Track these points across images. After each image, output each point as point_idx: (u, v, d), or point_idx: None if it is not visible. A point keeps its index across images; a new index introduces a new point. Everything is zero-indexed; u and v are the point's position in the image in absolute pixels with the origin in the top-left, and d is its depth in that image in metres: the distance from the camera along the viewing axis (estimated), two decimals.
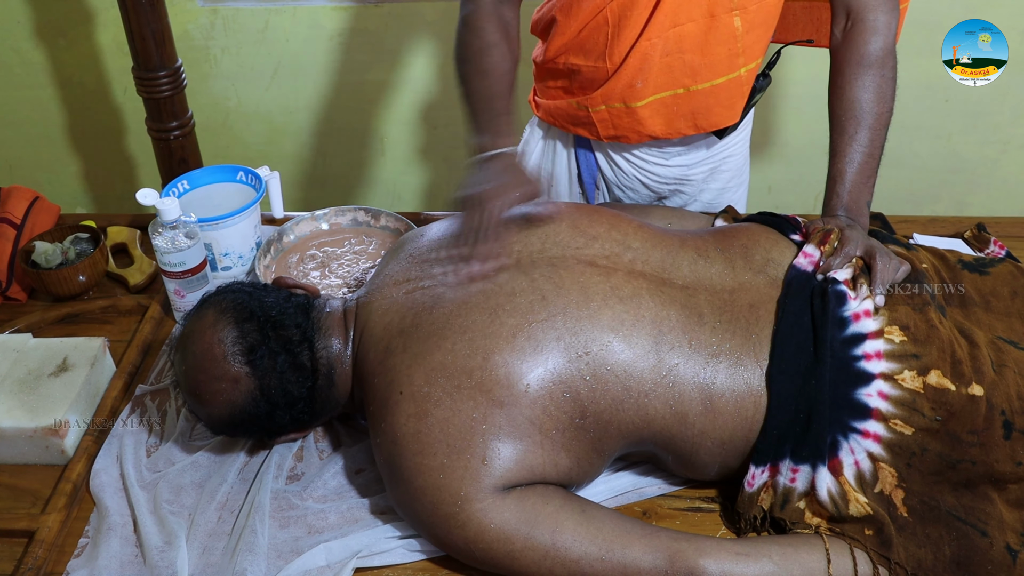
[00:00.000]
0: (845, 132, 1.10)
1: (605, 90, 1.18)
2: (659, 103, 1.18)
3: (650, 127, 1.21)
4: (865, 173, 1.09)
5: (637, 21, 1.12)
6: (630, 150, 1.29)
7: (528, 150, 1.39)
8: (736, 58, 1.15)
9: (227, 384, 0.93)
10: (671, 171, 1.30)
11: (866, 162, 1.09)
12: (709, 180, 1.34)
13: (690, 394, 0.90)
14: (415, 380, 0.89)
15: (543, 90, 1.30)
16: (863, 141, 1.09)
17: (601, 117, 1.21)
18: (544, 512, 0.86)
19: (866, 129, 1.10)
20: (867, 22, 1.12)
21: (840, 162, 1.10)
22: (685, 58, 1.14)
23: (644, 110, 1.19)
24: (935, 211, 2.12)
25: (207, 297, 1.00)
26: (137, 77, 1.38)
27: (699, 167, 1.31)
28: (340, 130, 2.11)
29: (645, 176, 1.31)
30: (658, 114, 1.19)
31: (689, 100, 1.18)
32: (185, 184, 1.34)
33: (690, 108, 1.19)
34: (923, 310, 0.94)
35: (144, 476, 1.01)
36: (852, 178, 1.09)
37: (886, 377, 0.90)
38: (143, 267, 1.36)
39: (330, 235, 1.39)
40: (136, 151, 2.16)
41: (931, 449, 0.88)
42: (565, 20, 1.18)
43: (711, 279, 0.98)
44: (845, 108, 1.11)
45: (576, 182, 1.37)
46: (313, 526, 0.95)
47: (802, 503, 0.90)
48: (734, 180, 1.37)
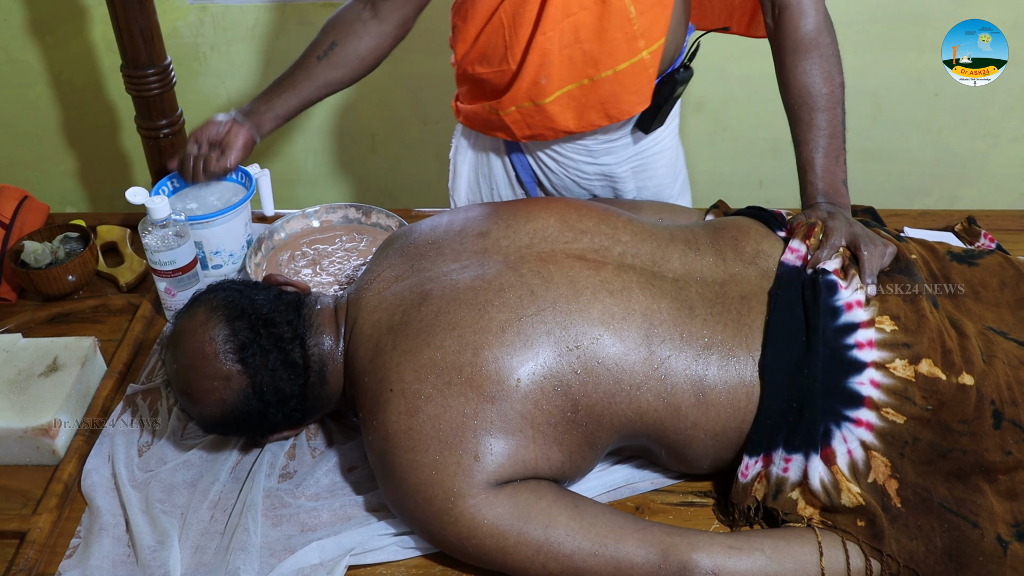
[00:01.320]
0: (801, 120, 1.10)
1: (512, 92, 1.17)
2: (567, 97, 1.17)
3: (562, 122, 1.19)
4: (832, 155, 1.08)
5: (529, 17, 1.12)
6: (556, 149, 1.29)
7: (459, 161, 1.39)
8: (635, 41, 1.13)
9: (219, 382, 0.92)
10: (599, 168, 1.30)
11: (830, 144, 1.08)
12: (641, 177, 1.33)
13: (682, 386, 0.90)
14: (405, 377, 0.89)
15: (460, 94, 1.30)
16: (822, 125, 1.09)
17: (513, 119, 1.21)
18: (537, 507, 0.86)
19: (821, 111, 1.09)
20: (792, 5, 1.11)
21: (806, 150, 1.09)
22: (583, 47, 1.13)
23: (553, 106, 1.17)
24: (925, 204, 2.13)
25: (198, 295, 1.00)
26: (126, 75, 1.38)
27: (627, 164, 1.31)
28: (330, 127, 2.11)
29: (573, 175, 1.31)
30: (568, 108, 1.18)
31: (596, 90, 1.16)
32: (175, 183, 1.34)
33: (598, 98, 1.17)
34: (914, 300, 0.95)
35: (136, 475, 1.00)
36: (821, 163, 1.08)
37: (878, 366, 0.90)
38: (133, 266, 1.35)
39: (321, 232, 1.38)
40: (126, 149, 2.15)
41: (922, 438, 0.89)
42: (463, 25, 1.18)
43: (702, 271, 0.98)
44: (795, 96, 1.11)
45: (517, 184, 1.37)
46: (306, 524, 0.94)
47: (795, 493, 0.90)
48: (667, 178, 1.37)
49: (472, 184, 1.41)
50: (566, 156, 1.29)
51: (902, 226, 1.40)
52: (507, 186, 1.38)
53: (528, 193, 1.37)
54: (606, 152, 1.29)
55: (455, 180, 1.42)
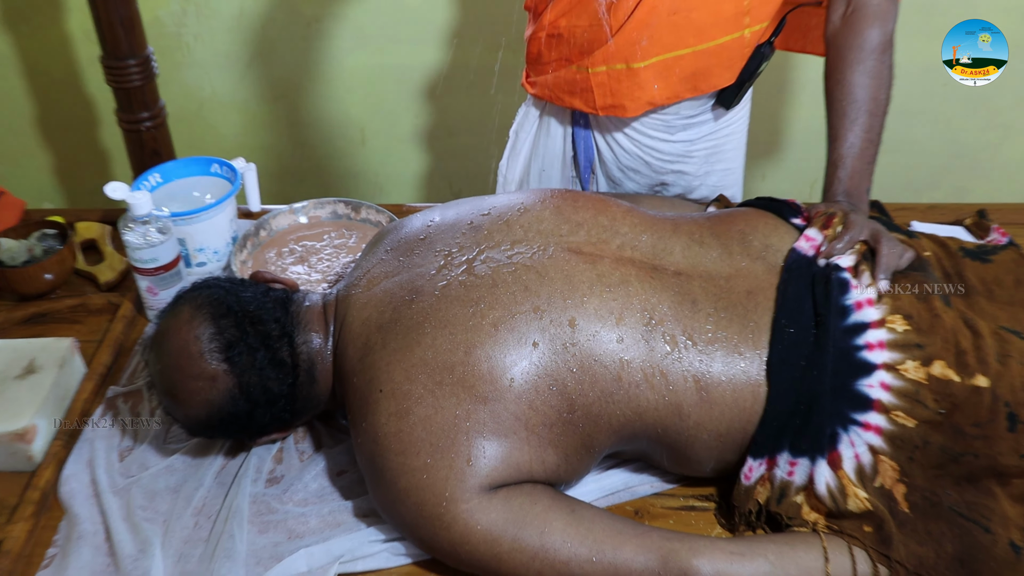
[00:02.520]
0: (846, 116, 1.11)
1: (608, 49, 1.18)
2: (661, 65, 1.19)
3: (650, 91, 1.21)
4: (865, 159, 1.10)
5: None
6: (631, 124, 1.29)
7: (522, 134, 1.39)
8: (742, 17, 1.16)
9: (204, 383, 0.92)
10: (675, 147, 1.31)
11: (867, 148, 1.11)
12: (712, 159, 1.34)
13: (684, 384, 0.90)
14: (395, 377, 0.88)
15: (537, 67, 1.30)
16: (864, 126, 1.11)
17: (600, 81, 1.21)
18: (532, 512, 0.86)
19: (866, 114, 1.11)
20: (869, 7, 1.14)
21: (840, 147, 1.11)
22: (692, 16, 1.15)
23: (646, 72, 1.19)
24: (934, 198, 2.13)
25: (182, 293, 0.99)
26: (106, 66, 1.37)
27: (703, 143, 1.32)
28: (319, 120, 2.10)
29: (647, 153, 1.31)
30: (659, 77, 1.20)
31: (692, 61, 1.18)
32: (157, 177, 1.34)
33: (691, 69, 1.19)
34: (927, 299, 0.95)
35: (116, 482, 1.00)
36: (853, 164, 1.10)
37: (888, 367, 0.90)
38: (114, 264, 1.35)
39: (309, 229, 1.38)
40: (106, 143, 2.14)
41: (933, 442, 0.89)
42: None
43: (706, 265, 0.98)
44: (845, 92, 1.12)
45: (571, 165, 1.37)
46: (293, 531, 0.94)
47: (800, 497, 0.90)
48: (734, 162, 1.38)
49: (527, 163, 1.41)
50: (641, 132, 1.30)
51: (910, 220, 1.40)
52: (559, 167, 1.38)
53: (580, 177, 1.37)
54: (684, 128, 1.30)
55: (512, 157, 1.42)
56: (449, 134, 2.13)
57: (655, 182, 1.35)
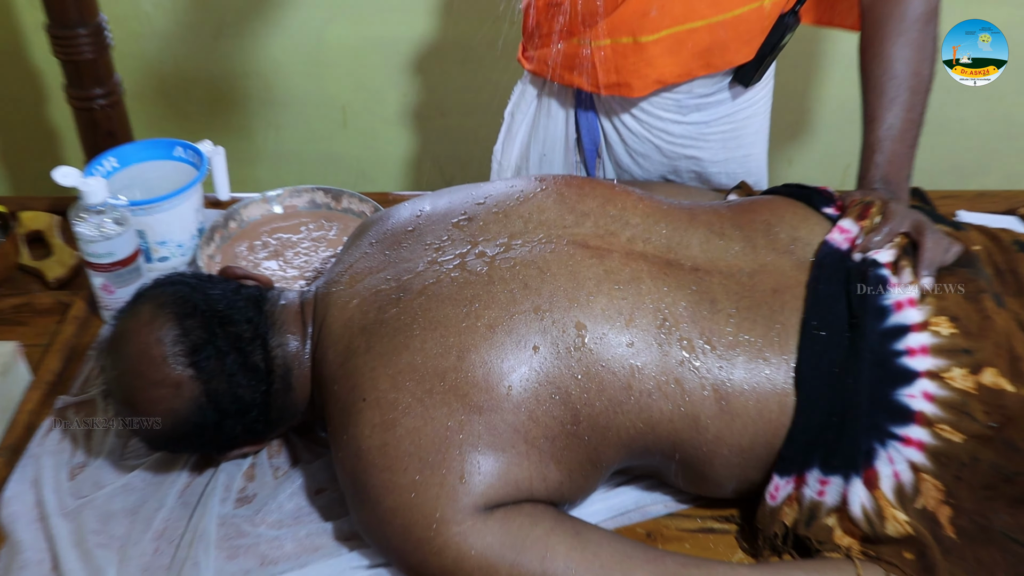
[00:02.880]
0: (884, 94, 1.12)
1: (613, 19, 1.18)
2: (672, 39, 1.19)
3: (659, 68, 1.21)
4: (907, 142, 1.11)
5: None
6: (639, 104, 1.30)
7: (518, 115, 1.40)
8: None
9: (167, 390, 0.93)
10: (687, 128, 1.31)
11: (908, 129, 1.11)
12: (730, 144, 1.35)
13: (702, 394, 0.90)
14: (380, 384, 0.89)
15: (535, 41, 1.31)
16: (904, 104, 1.11)
17: (604, 56, 1.22)
18: (532, 535, 0.86)
19: (908, 91, 1.11)
20: None
21: (878, 128, 1.11)
22: None
23: (655, 47, 1.19)
24: (984, 184, 2.14)
25: (142, 291, 0.99)
26: (52, 35, 1.38)
27: (719, 125, 1.32)
28: (295, 98, 2.11)
29: (657, 136, 1.32)
30: (668, 52, 1.20)
31: (706, 35, 1.19)
32: (113, 161, 1.34)
33: (704, 44, 1.20)
34: (976, 298, 0.95)
35: (66, 503, 1.00)
36: (892, 147, 1.10)
37: (932, 375, 0.90)
38: (64, 259, 1.35)
39: (284, 220, 1.39)
40: (54, 123, 2.15)
41: (983, 459, 0.89)
42: None
43: (727, 260, 0.98)
44: (884, 67, 1.13)
45: (574, 150, 1.37)
46: (267, 556, 0.94)
47: (831, 520, 0.91)
48: (756, 146, 1.38)
49: (524, 147, 1.42)
50: (650, 113, 1.31)
51: (956, 209, 1.40)
52: (562, 151, 1.38)
53: (586, 161, 1.37)
54: (698, 108, 1.30)
55: (508, 141, 1.43)
56: (440, 114, 2.14)
57: (667, 169, 1.36)
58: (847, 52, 1.21)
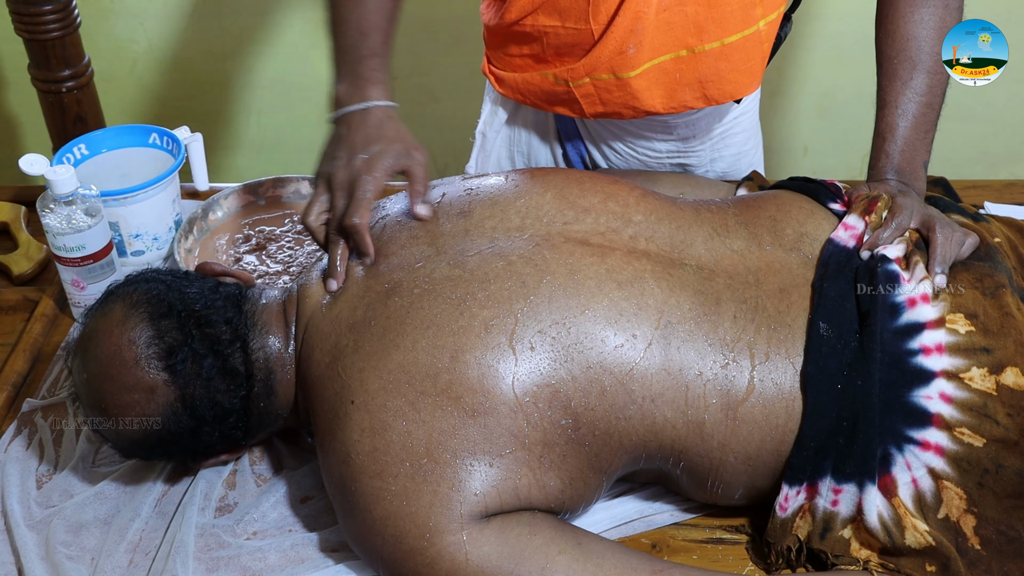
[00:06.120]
0: (898, 77, 1.11)
1: (590, 59, 1.15)
2: (657, 70, 1.16)
3: (647, 101, 1.18)
4: (922, 128, 1.10)
5: None
6: (623, 126, 1.29)
7: (490, 137, 1.38)
8: (752, 8, 1.12)
9: (141, 395, 0.93)
10: (675, 144, 1.32)
11: (923, 114, 1.10)
12: (718, 146, 1.35)
13: (706, 398, 0.91)
14: (370, 387, 0.90)
15: (503, 59, 1.27)
16: (920, 88, 1.10)
17: (586, 92, 1.19)
18: (531, 545, 0.87)
19: (924, 73, 1.10)
20: None
21: (891, 114, 1.11)
22: (687, 10, 1.11)
23: (639, 80, 1.16)
24: (1013, 174, 2.14)
25: (114, 288, 1.00)
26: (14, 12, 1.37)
27: (706, 135, 1.32)
28: (278, 81, 2.10)
29: (642, 154, 1.32)
30: (657, 84, 1.17)
31: (695, 64, 1.15)
32: (83, 149, 1.34)
33: (696, 75, 1.16)
34: (996, 294, 0.96)
35: (33, 513, 1.01)
36: (905, 134, 1.10)
37: (949, 375, 0.91)
38: (30, 252, 1.36)
39: (267, 211, 1.39)
40: (18, 107, 2.14)
41: (1008, 465, 0.90)
42: None
43: (732, 259, 0.99)
44: (898, 47, 1.12)
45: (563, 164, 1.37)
46: (249, 568, 0.95)
47: (847, 531, 0.92)
48: (748, 143, 1.38)
49: (504, 165, 1.40)
50: (636, 134, 1.30)
51: (983, 201, 1.41)
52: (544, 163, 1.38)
53: None
54: (686, 126, 1.29)
55: (482, 160, 1.41)
56: (432, 100, 2.13)
57: None
58: (865, 33, 1.20)
